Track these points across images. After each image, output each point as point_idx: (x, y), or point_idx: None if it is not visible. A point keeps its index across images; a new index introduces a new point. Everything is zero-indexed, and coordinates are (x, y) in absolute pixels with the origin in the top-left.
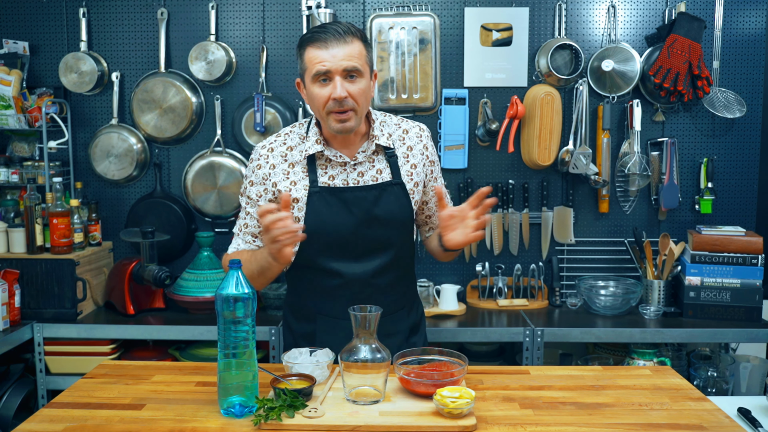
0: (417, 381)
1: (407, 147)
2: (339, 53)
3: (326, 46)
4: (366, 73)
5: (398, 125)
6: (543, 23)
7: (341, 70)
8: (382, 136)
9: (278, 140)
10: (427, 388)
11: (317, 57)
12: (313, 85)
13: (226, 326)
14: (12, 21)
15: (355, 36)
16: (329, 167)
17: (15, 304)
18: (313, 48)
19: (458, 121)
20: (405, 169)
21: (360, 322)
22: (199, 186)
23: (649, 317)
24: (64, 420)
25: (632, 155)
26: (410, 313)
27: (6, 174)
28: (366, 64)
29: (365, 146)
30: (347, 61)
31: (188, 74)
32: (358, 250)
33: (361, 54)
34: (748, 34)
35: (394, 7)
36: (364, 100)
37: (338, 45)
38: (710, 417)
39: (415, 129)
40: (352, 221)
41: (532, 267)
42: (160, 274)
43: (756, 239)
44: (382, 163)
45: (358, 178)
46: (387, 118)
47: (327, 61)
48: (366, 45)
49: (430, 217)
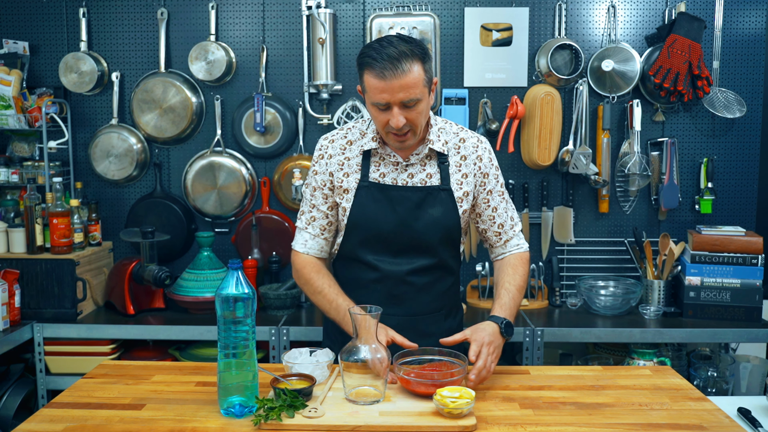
0: (417, 381)
1: (461, 156)
2: (396, 85)
3: (383, 77)
4: (425, 96)
5: (456, 134)
6: (543, 23)
7: (399, 102)
8: (438, 141)
9: (340, 133)
10: (427, 388)
11: (375, 87)
12: (372, 108)
13: (226, 326)
14: (12, 21)
15: (412, 59)
16: (382, 165)
17: (15, 304)
18: (370, 76)
19: (458, 121)
20: (455, 177)
21: (360, 322)
22: (199, 186)
23: (649, 317)
24: (64, 420)
25: (632, 155)
26: (447, 318)
27: (6, 174)
28: (424, 87)
29: (419, 149)
30: (404, 93)
31: (188, 74)
32: (396, 247)
33: (419, 79)
34: (748, 34)
35: (394, 7)
36: (422, 120)
37: (395, 77)
38: (710, 417)
39: (473, 140)
40: (394, 219)
41: (532, 267)
42: (160, 274)
43: (756, 239)
44: (434, 168)
45: (408, 179)
46: (447, 126)
47: (385, 93)
48: (424, 63)
49: (485, 231)
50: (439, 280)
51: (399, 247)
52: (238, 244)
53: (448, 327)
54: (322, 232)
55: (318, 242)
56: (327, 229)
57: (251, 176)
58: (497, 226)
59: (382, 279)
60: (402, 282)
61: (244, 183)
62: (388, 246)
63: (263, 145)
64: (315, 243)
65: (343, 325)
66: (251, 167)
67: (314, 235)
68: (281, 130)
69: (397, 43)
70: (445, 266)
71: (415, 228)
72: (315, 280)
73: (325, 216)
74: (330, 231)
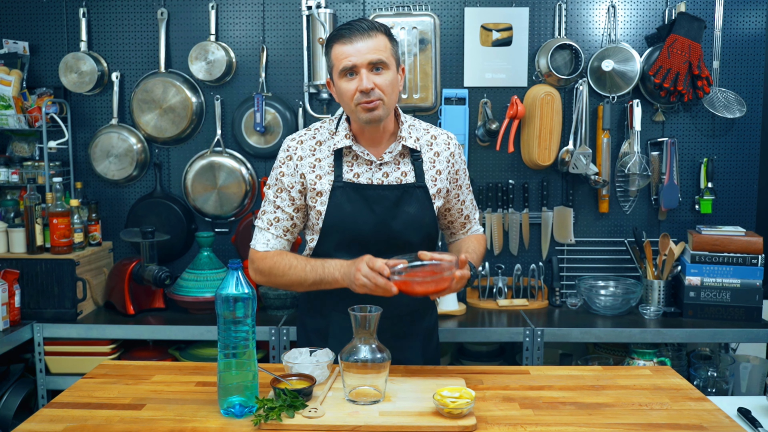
0: (413, 280)
1: (434, 153)
2: (363, 47)
3: (351, 41)
4: (392, 66)
5: (427, 130)
6: (543, 23)
7: (366, 63)
8: (409, 138)
9: (308, 134)
10: (426, 287)
11: (343, 53)
12: (341, 80)
13: (226, 326)
14: (12, 21)
15: (380, 31)
16: (355, 164)
17: (15, 304)
18: (338, 45)
19: (458, 121)
20: (430, 174)
21: (360, 322)
22: (199, 186)
23: (649, 317)
24: (64, 420)
25: (632, 155)
26: (424, 317)
27: (6, 174)
28: (392, 57)
29: (392, 147)
30: (372, 54)
31: (188, 74)
32: (375, 248)
33: (386, 47)
34: (748, 34)
35: (394, 7)
36: (391, 91)
37: (362, 39)
38: (710, 417)
39: (443, 136)
40: (373, 219)
41: (532, 267)
42: (160, 274)
43: (756, 239)
44: (408, 165)
45: (383, 178)
46: (416, 122)
47: (352, 56)
48: (391, 40)
49: (452, 222)
50: None
51: (377, 247)
52: (238, 244)
53: (426, 326)
54: (285, 234)
55: (281, 242)
56: (290, 231)
57: (251, 176)
58: (464, 218)
59: None
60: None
61: (244, 183)
62: (365, 247)
63: (263, 145)
64: (278, 243)
65: (326, 279)
66: (251, 167)
67: (277, 235)
68: (281, 130)
69: (363, 20)
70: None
71: (393, 227)
72: (280, 261)
73: (290, 218)
74: (293, 234)
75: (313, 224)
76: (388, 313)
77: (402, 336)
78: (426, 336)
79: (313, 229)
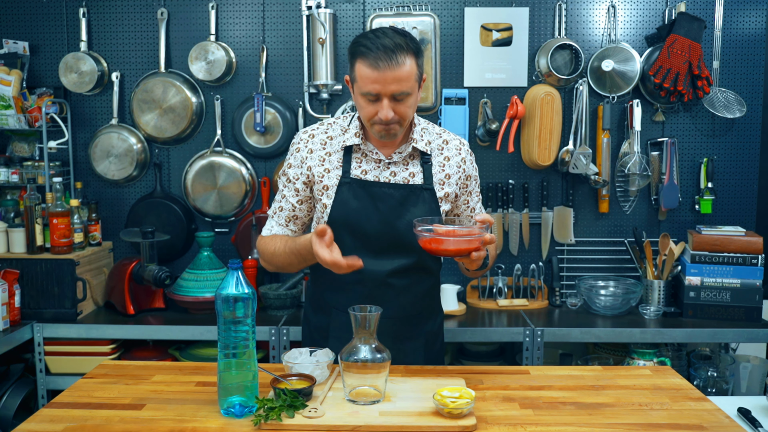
0: (446, 238)
1: (444, 157)
2: (390, 77)
3: (377, 67)
4: (414, 91)
5: (439, 135)
6: (543, 23)
7: (390, 93)
8: (421, 140)
9: (320, 128)
10: (458, 245)
11: (367, 77)
12: (361, 98)
13: (226, 326)
14: (12, 21)
15: (406, 53)
16: (364, 161)
17: (15, 304)
18: (363, 64)
19: (458, 121)
20: (438, 177)
21: (360, 322)
22: (199, 186)
23: (649, 317)
24: (64, 420)
25: (632, 155)
26: (428, 320)
27: (6, 174)
28: (415, 82)
29: (402, 147)
30: (396, 85)
31: (188, 74)
32: (378, 246)
33: (411, 73)
34: (748, 34)
35: (394, 7)
36: (411, 114)
37: (389, 67)
38: (710, 417)
39: (455, 142)
40: (377, 217)
41: (532, 267)
42: (160, 274)
43: (756, 239)
44: (416, 167)
45: (390, 177)
46: (429, 126)
47: (376, 84)
48: (417, 57)
49: None
50: (419, 281)
51: (381, 246)
52: (238, 244)
53: (429, 329)
54: (288, 223)
55: (283, 231)
56: (293, 221)
57: (251, 176)
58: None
59: (362, 280)
60: (382, 284)
61: (244, 183)
62: (369, 245)
63: (263, 145)
64: (280, 230)
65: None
66: (251, 167)
67: (279, 224)
68: (281, 130)
69: (392, 35)
70: (425, 267)
71: (397, 227)
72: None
73: (292, 209)
74: (296, 224)
75: (319, 218)
76: (391, 314)
77: (404, 338)
78: (429, 339)
79: (320, 222)
